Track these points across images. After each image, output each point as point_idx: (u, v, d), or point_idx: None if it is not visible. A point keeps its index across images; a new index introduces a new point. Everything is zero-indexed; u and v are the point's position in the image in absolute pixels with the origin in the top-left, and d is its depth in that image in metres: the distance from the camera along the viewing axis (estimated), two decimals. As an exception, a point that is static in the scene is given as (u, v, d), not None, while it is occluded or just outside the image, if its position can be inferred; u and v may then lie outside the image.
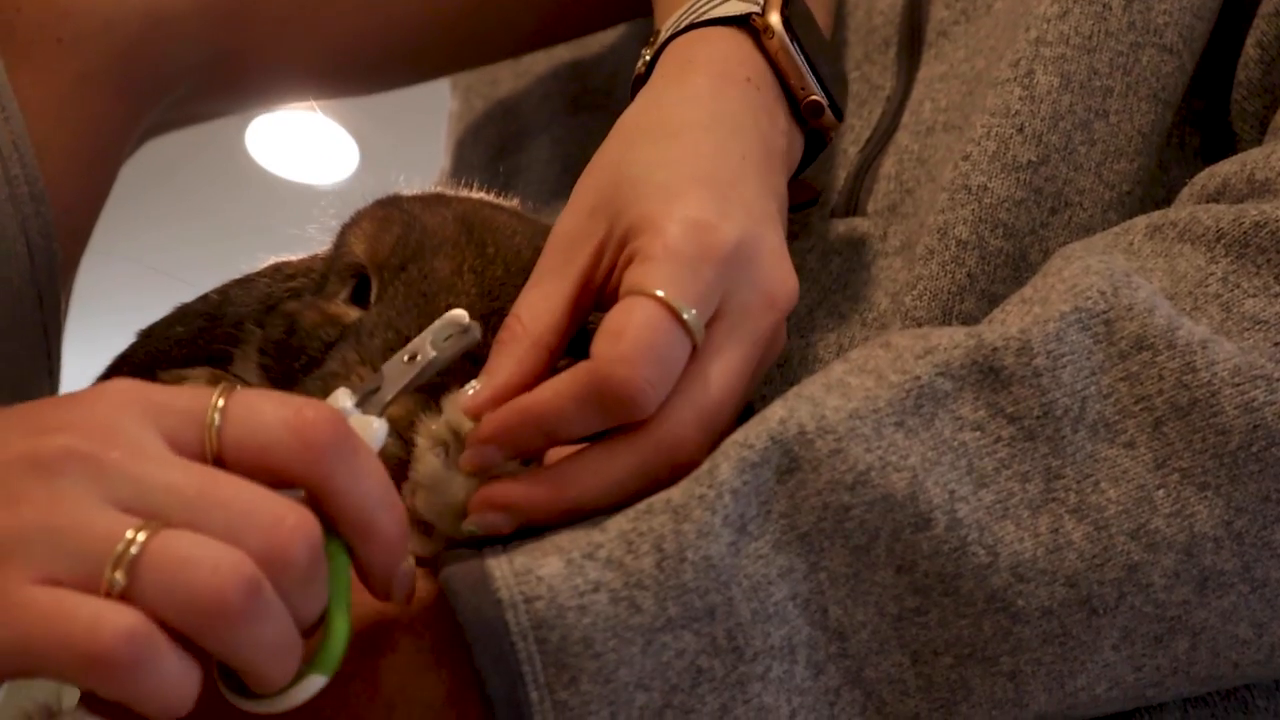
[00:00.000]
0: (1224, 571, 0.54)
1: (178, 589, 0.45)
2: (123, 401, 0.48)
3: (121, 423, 0.47)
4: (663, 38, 0.69)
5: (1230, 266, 0.58)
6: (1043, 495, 0.54)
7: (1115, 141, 0.69)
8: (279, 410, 0.48)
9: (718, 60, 0.66)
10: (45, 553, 0.45)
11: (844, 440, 0.54)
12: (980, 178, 0.67)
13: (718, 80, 0.65)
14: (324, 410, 0.49)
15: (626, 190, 0.60)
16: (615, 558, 0.52)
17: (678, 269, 0.56)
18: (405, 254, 0.60)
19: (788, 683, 0.54)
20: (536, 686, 0.51)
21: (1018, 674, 0.55)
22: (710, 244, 0.57)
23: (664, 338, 0.55)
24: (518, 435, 0.55)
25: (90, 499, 0.46)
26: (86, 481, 0.46)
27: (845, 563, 0.54)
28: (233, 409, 0.48)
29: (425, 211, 0.63)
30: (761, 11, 0.67)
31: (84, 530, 0.45)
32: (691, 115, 0.63)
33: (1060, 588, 0.54)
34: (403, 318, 0.59)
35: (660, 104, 0.65)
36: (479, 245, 0.61)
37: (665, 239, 0.57)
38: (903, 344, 0.57)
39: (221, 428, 0.48)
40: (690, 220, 0.57)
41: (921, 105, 0.75)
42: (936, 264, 0.67)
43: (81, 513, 0.46)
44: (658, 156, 0.61)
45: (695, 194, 0.59)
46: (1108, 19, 0.69)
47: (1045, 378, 0.55)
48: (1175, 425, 0.55)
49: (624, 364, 0.54)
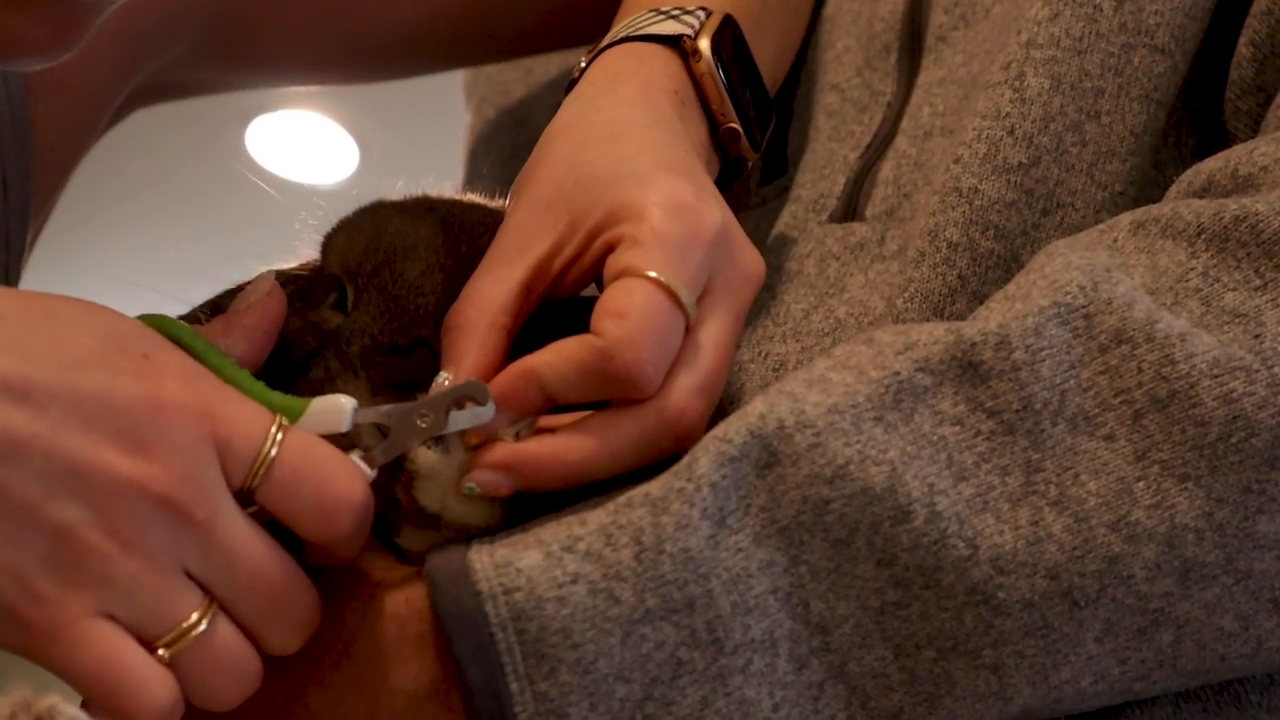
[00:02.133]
0: (1206, 563, 0.54)
1: (207, 689, 0.51)
2: (200, 436, 0.50)
3: (203, 470, 0.50)
4: (600, 47, 0.72)
5: (1210, 261, 0.58)
6: (1022, 488, 0.55)
7: (1107, 142, 0.69)
8: (316, 485, 0.52)
9: (646, 73, 0.69)
10: (119, 597, 0.49)
11: (823, 435, 0.55)
12: (971, 180, 0.68)
13: (647, 89, 0.68)
14: (354, 492, 0.53)
15: (590, 185, 0.61)
16: (594, 550, 0.53)
17: (669, 252, 0.58)
18: (377, 259, 0.62)
19: (769, 676, 0.54)
20: (516, 677, 0.52)
21: (1001, 667, 0.55)
22: (696, 227, 0.59)
23: (665, 319, 0.56)
24: (520, 395, 0.56)
25: (172, 560, 0.50)
26: (172, 537, 0.49)
27: (826, 556, 0.54)
28: (278, 468, 0.52)
29: (398, 215, 0.64)
30: (694, 35, 0.70)
31: (158, 594, 0.49)
32: (632, 116, 0.66)
33: (1041, 580, 0.54)
34: (375, 322, 0.60)
35: (596, 108, 0.67)
36: (452, 245, 0.62)
37: (652, 223, 0.58)
38: (884, 340, 0.58)
39: (265, 478, 0.52)
40: (674, 204, 0.59)
41: (920, 110, 0.75)
42: (928, 266, 0.67)
43: (162, 574, 0.49)
44: (615, 152, 0.63)
45: (669, 180, 0.60)
46: (1098, 20, 0.69)
47: (1024, 372, 0.56)
48: (1155, 417, 0.55)
49: (631, 346, 0.55)
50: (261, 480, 0.51)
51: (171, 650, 0.49)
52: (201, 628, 0.50)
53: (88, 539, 0.48)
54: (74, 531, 0.48)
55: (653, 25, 0.71)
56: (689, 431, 0.57)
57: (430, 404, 0.56)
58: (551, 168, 0.64)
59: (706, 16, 0.72)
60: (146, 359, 0.51)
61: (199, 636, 0.50)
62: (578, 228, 0.61)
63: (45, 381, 0.48)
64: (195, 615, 0.50)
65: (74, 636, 0.48)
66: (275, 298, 0.61)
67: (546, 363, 0.56)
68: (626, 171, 0.61)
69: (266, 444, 0.51)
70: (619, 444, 0.56)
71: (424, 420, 0.55)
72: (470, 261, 0.62)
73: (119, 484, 0.48)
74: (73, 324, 0.51)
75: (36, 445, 0.48)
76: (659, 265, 0.57)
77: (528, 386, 0.56)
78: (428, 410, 0.55)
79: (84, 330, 0.51)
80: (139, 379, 0.50)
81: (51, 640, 0.48)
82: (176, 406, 0.50)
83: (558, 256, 0.61)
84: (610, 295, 0.57)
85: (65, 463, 0.48)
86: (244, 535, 0.51)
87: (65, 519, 0.48)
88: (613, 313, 0.56)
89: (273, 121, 3.24)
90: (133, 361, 0.50)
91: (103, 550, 0.48)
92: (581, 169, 0.62)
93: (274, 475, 0.51)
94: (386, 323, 0.60)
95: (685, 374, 0.57)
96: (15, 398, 0.48)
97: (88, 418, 0.49)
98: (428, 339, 0.60)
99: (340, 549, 0.54)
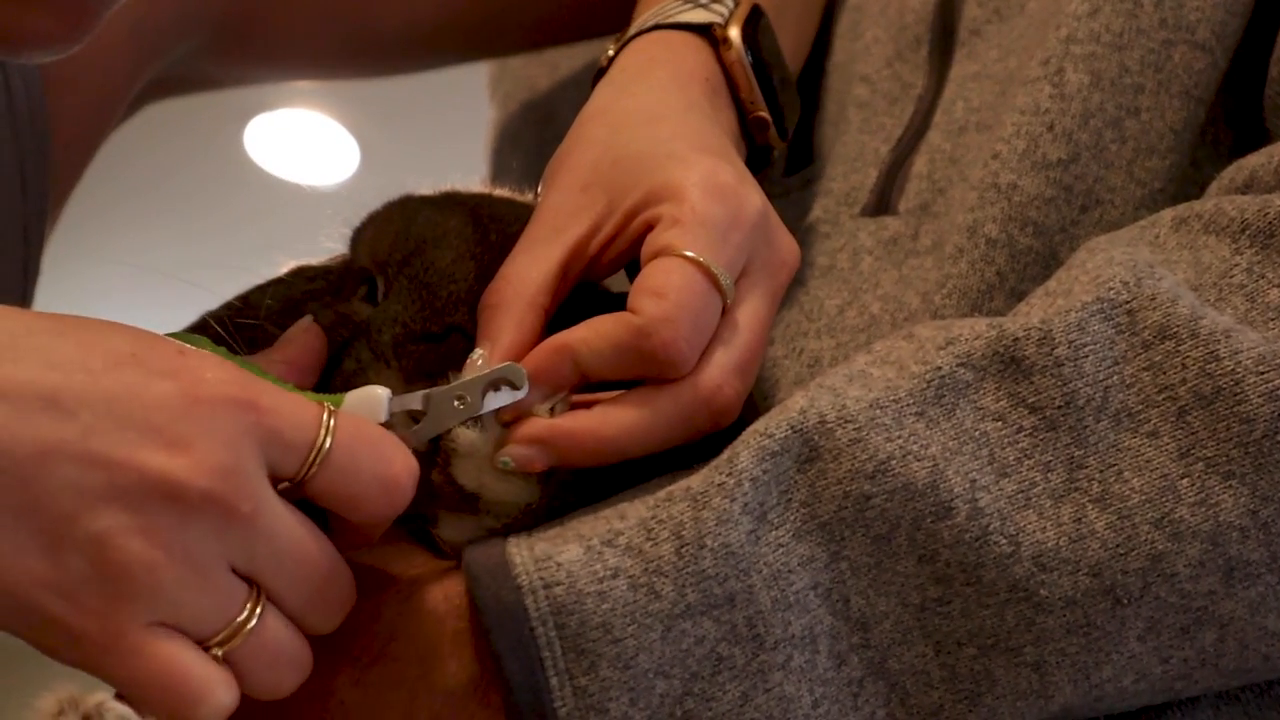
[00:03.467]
0: (1250, 561, 0.54)
1: (263, 680, 0.50)
2: (242, 428, 0.49)
3: (245, 461, 0.49)
4: (629, 35, 0.72)
5: (1255, 257, 0.57)
6: (1065, 485, 0.54)
7: (1146, 139, 0.69)
8: (374, 465, 0.51)
9: (677, 60, 0.69)
10: (168, 604, 0.48)
11: (864, 430, 0.54)
12: (1010, 176, 0.67)
13: (680, 76, 0.68)
14: (409, 465, 0.52)
15: (628, 165, 0.61)
16: (634, 544, 0.53)
17: (710, 233, 0.58)
18: (407, 249, 0.61)
19: (809, 672, 0.54)
20: (556, 672, 0.51)
21: (1042, 665, 0.54)
22: (737, 209, 0.59)
23: (702, 300, 0.56)
24: (554, 370, 0.56)
25: (218, 558, 0.48)
26: (216, 534, 0.48)
27: (866, 552, 0.54)
28: (335, 455, 0.50)
29: (428, 206, 0.64)
30: (724, 23, 0.70)
31: (207, 596, 0.48)
32: (668, 101, 0.66)
33: (1084, 577, 0.54)
34: (407, 310, 0.60)
35: (630, 93, 0.67)
36: (481, 234, 0.62)
37: (693, 203, 0.58)
38: (925, 335, 0.58)
39: (318, 470, 0.50)
40: (715, 185, 0.59)
41: (954, 104, 0.75)
42: (966, 262, 0.67)
43: (209, 574, 0.48)
44: (652, 134, 0.63)
45: (709, 161, 0.60)
46: (1139, 16, 0.69)
47: (1067, 367, 0.55)
48: (1199, 414, 0.54)
49: (668, 324, 0.55)
50: (319, 469, 0.50)
51: (225, 648, 0.49)
52: (252, 623, 0.49)
53: (130, 548, 0.46)
54: (114, 540, 0.46)
55: (682, 13, 0.71)
56: (725, 409, 0.57)
57: (466, 387, 0.55)
58: (587, 150, 0.64)
59: (735, 5, 0.72)
60: (181, 356, 0.50)
61: (251, 631, 0.49)
62: (615, 207, 0.60)
63: (72, 386, 0.47)
64: (245, 612, 0.49)
65: (129, 648, 0.47)
66: (314, 334, 0.60)
67: (582, 338, 0.56)
68: (665, 153, 0.61)
69: (321, 431, 0.50)
70: (655, 421, 0.56)
71: (460, 403, 0.55)
72: (501, 249, 0.62)
73: (156, 484, 0.47)
74: (100, 332, 0.50)
75: (67, 452, 0.46)
76: (698, 246, 0.57)
77: (562, 362, 0.56)
78: (464, 392, 0.55)
79: (112, 336, 0.49)
80: (173, 377, 0.49)
81: (107, 652, 0.47)
82: (214, 400, 0.48)
83: (595, 237, 0.61)
84: (648, 273, 0.57)
85: (98, 468, 0.46)
86: (288, 524, 0.50)
87: (103, 527, 0.46)
88: (650, 291, 0.56)
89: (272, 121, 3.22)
90: (166, 361, 0.49)
91: (146, 559, 0.47)
92: (619, 150, 0.62)
93: (332, 461, 0.50)
94: (418, 310, 0.60)
95: (722, 352, 0.57)
96: (42, 406, 0.46)
97: (119, 419, 0.47)
98: (461, 325, 0.60)
99: (377, 530, 0.54)
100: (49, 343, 0.48)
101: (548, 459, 0.56)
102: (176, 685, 0.47)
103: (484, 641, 0.53)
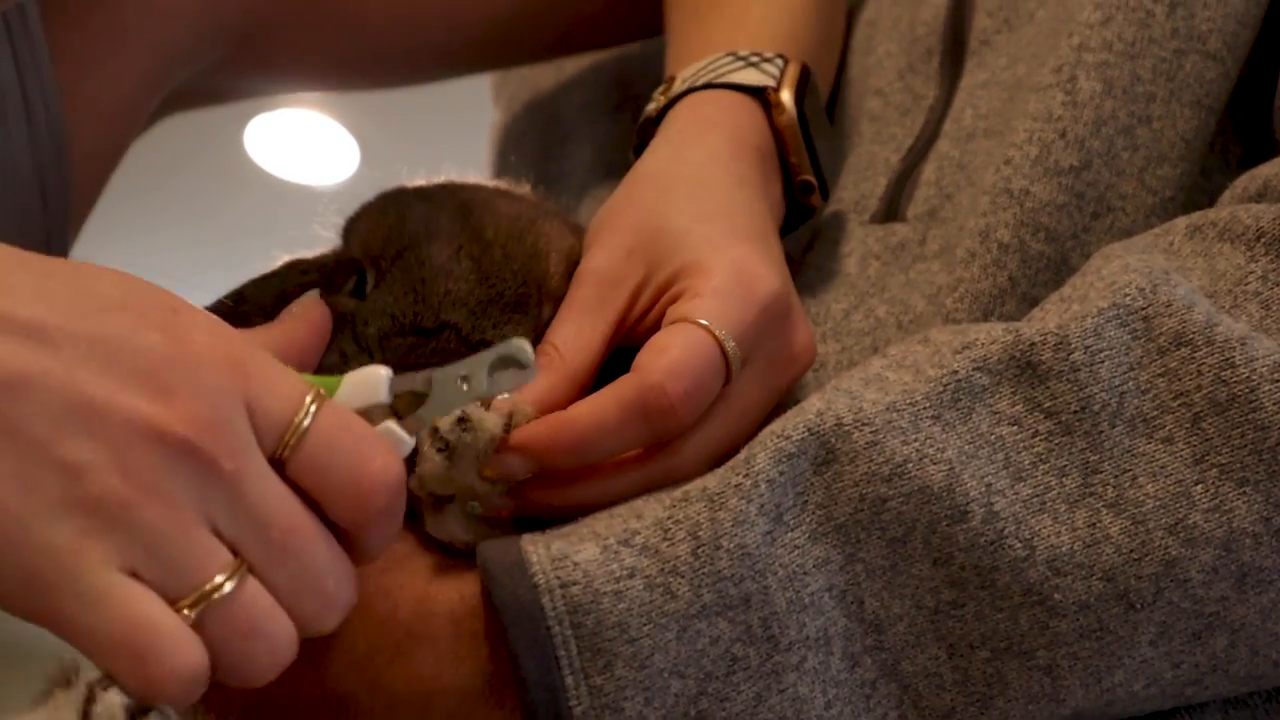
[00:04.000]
0: (1263, 568, 0.54)
1: (235, 657, 0.47)
2: (228, 387, 0.47)
3: (232, 418, 0.46)
4: (679, 89, 0.72)
5: (1270, 265, 0.58)
6: (1080, 490, 0.54)
7: (1158, 147, 0.69)
8: (350, 460, 0.49)
9: (732, 125, 0.70)
10: (140, 549, 0.45)
11: (881, 433, 0.54)
12: (1022, 181, 0.68)
13: (735, 145, 0.69)
14: (390, 472, 0.49)
15: (668, 239, 0.62)
16: (651, 544, 0.53)
17: (724, 304, 0.59)
18: (401, 242, 0.61)
19: (823, 674, 0.54)
20: (572, 671, 0.51)
21: (1055, 668, 0.54)
22: (755, 289, 0.60)
23: (706, 361, 0.57)
24: (551, 449, 0.56)
25: (197, 514, 0.46)
26: (198, 488, 0.46)
27: (882, 555, 0.54)
28: (312, 438, 0.48)
29: (422, 200, 0.64)
30: (777, 87, 0.71)
31: (184, 550, 0.45)
32: (719, 173, 0.67)
33: (1097, 582, 0.54)
34: (398, 303, 0.59)
35: (684, 158, 0.68)
36: (476, 230, 0.62)
37: (714, 280, 0.60)
38: (941, 339, 0.58)
39: (296, 449, 0.48)
40: (738, 265, 0.60)
41: (963, 112, 0.75)
42: (978, 267, 0.67)
43: (187, 529, 0.45)
44: (696, 208, 0.64)
45: (741, 248, 0.62)
46: (1151, 25, 0.69)
47: (1083, 373, 0.55)
48: (1214, 421, 0.55)
49: (670, 376, 0.56)
50: (292, 451, 0.48)
51: (196, 610, 0.45)
52: (227, 588, 0.46)
53: (104, 482, 0.44)
54: (88, 473, 0.44)
55: (735, 73, 0.72)
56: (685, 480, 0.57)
57: (471, 366, 0.54)
58: (635, 211, 0.64)
59: (784, 64, 0.73)
60: (174, 313, 0.48)
61: (226, 597, 0.46)
62: (650, 280, 0.62)
63: (60, 323, 0.45)
64: (222, 576, 0.46)
65: (92, 592, 0.44)
66: (319, 309, 0.59)
67: (586, 414, 0.56)
68: (703, 233, 0.62)
69: (300, 412, 0.48)
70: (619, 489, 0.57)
71: (465, 383, 0.54)
72: (498, 245, 0.61)
73: (137, 425, 0.45)
74: (95, 277, 0.48)
75: (47, 381, 0.44)
76: (711, 314, 0.58)
77: (561, 441, 0.56)
78: (468, 371, 0.53)
79: (107, 283, 0.48)
80: (162, 329, 0.47)
81: (66, 596, 0.44)
82: (202, 355, 0.47)
83: (634, 308, 0.62)
84: (657, 335, 0.58)
85: (78, 400, 0.44)
86: (277, 493, 0.47)
87: (78, 459, 0.44)
88: (654, 348, 0.57)
89: (272, 121, 3.21)
90: (159, 314, 0.47)
91: (120, 495, 0.44)
92: (662, 221, 0.63)
93: (306, 446, 0.48)
94: (411, 303, 0.59)
95: (701, 440, 0.58)
96: (27, 335, 0.45)
97: (106, 359, 0.45)
98: (456, 323, 0.59)
99: (370, 538, 0.50)
100: (39, 280, 0.47)
101: (528, 465, 0.56)
102: (140, 637, 0.44)
103: (500, 642, 0.53)
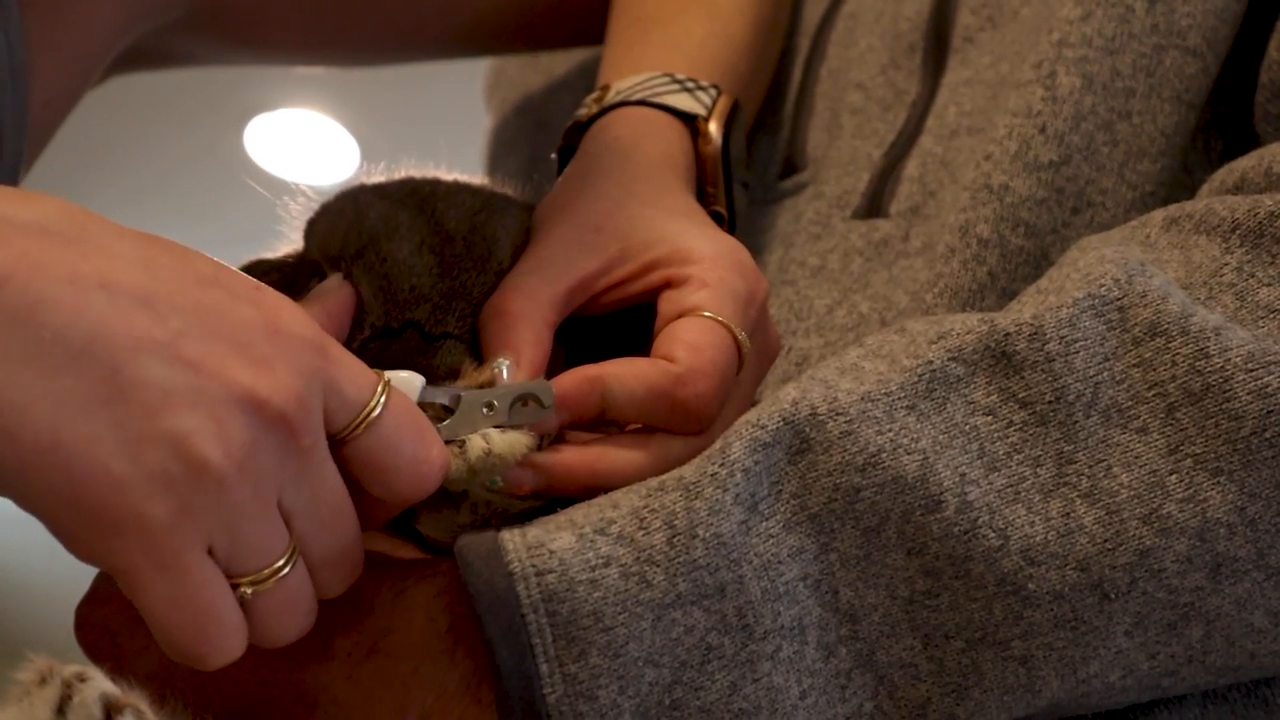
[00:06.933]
0: (1237, 558, 0.54)
1: (270, 629, 0.49)
2: (313, 366, 0.49)
3: (314, 398, 0.48)
4: (613, 99, 0.73)
5: (1245, 256, 0.58)
6: (1054, 480, 0.55)
7: (1138, 142, 0.69)
8: (414, 447, 0.52)
9: (665, 143, 0.72)
10: (225, 531, 0.47)
11: (855, 422, 0.55)
12: (1002, 177, 0.68)
13: (668, 160, 0.71)
14: (444, 455, 0.53)
15: (647, 223, 0.63)
16: (627, 533, 0.53)
17: (735, 303, 0.60)
18: (360, 241, 0.61)
19: (798, 663, 0.54)
20: (546, 659, 0.52)
21: (1029, 659, 0.54)
22: (754, 287, 0.62)
23: (730, 364, 0.59)
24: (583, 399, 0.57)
25: (273, 488, 0.48)
26: (278, 460, 0.48)
27: (856, 544, 0.54)
28: (382, 424, 0.51)
29: (379, 197, 0.63)
30: (707, 116, 0.73)
31: (260, 531, 0.48)
32: (667, 176, 0.69)
33: (1071, 571, 0.54)
34: (367, 305, 0.60)
35: (632, 160, 0.69)
36: (436, 223, 0.62)
37: (721, 273, 0.61)
38: (917, 329, 0.58)
39: (362, 433, 0.50)
40: (739, 262, 0.62)
41: (946, 109, 0.76)
42: (957, 262, 0.67)
43: (265, 507, 0.48)
44: (664, 203, 0.66)
45: (727, 240, 0.63)
46: (1130, 21, 0.69)
47: (1058, 363, 0.56)
48: (1188, 411, 0.55)
49: (705, 377, 0.58)
50: (362, 432, 0.50)
51: (255, 589, 0.48)
52: (286, 570, 0.49)
53: (205, 453, 0.45)
54: (193, 442, 0.45)
55: (670, 95, 0.73)
56: None
57: (498, 395, 0.56)
58: (599, 200, 0.65)
59: (717, 95, 0.74)
60: (260, 290, 0.50)
61: (283, 578, 0.49)
62: (630, 256, 0.62)
63: (166, 291, 0.47)
64: (280, 562, 0.49)
65: (177, 569, 0.46)
66: (347, 290, 0.60)
67: (615, 374, 0.57)
68: (679, 224, 0.64)
69: (374, 397, 0.51)
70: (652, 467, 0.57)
71: (489, 409, 0.56)
72: (460, 239, 0.61)
73: (240, 396, 0.46)
74: (185, 251, 0.50)
75: (158, 351, 0.46)
76: (726, 313, 0.60)
77: (591, 393, 0.57)
78: (494, 399, 0.56)
79: (196, 258, 0.50)
80: (254, 305, 0.49)
81: (152, 567, 0.46)
82: (291, 332, 0.49)
83: (603, 277, 0.62)
84: (683, 327, 0.59)
85: (188, 370, 0.46)
86: (332, 474, 0.50)
87: (186, 428, 0.45)
88: (688, 344, 0.58)
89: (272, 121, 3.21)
90: (247, 291, 0.49)
91: (220, 470, 0.46)
92: (634, 208, 0.64)
93: (377, 428, 0.50)
94: (380, 304, 0.59)
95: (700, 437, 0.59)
96: (137, 303, 0.46)
97: (209, 330, 0.47)
98: (420, 321, 0.60)
99: (391, 512, 0.54)
100: (140, 250, 0.48)
101: (538, 484, 0.57)
102: (205, 624, 0.47)
103: (476, 636, 0.53)
